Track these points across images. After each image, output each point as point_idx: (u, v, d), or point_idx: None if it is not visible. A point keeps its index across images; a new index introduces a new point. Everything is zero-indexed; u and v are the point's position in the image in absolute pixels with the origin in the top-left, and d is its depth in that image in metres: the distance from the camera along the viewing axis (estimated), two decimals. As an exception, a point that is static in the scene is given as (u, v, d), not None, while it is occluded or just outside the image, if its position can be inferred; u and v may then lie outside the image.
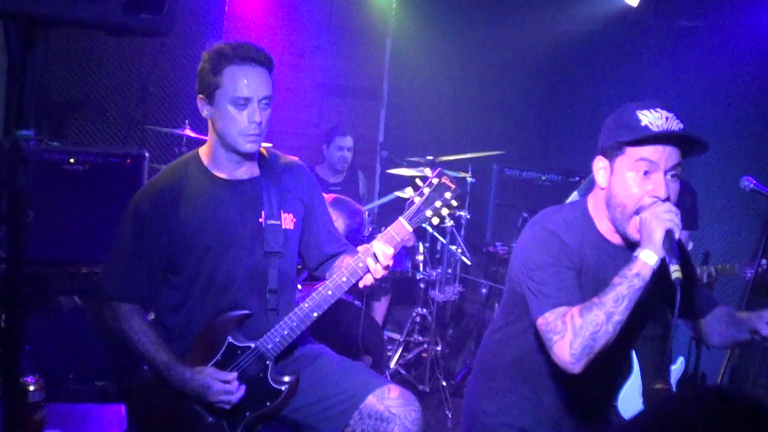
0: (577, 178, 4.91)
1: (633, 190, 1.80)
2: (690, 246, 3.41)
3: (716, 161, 4.43)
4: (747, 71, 4.37)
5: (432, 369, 4.25)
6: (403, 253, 4.42)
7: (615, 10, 5.12)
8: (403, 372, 4.32)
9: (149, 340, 2.17)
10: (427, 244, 4.53)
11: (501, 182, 5.19)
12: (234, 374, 2.16)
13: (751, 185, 3.14)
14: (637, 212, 1.79)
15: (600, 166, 1.89)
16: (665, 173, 1.78)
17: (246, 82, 2.13)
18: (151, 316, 2.38)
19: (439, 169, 2.19)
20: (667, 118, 1.78)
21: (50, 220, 3.31)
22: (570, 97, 5.61)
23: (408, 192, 2.17)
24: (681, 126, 1.79)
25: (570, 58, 5.63)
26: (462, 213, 4.44)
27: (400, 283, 4.63)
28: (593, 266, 1.88)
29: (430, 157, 4.40)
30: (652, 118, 1.78)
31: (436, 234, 4.53)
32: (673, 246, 1.70)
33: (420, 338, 4.46)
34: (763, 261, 3.20)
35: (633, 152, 1.79)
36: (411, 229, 2.13)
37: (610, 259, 1.89)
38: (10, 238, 1.24)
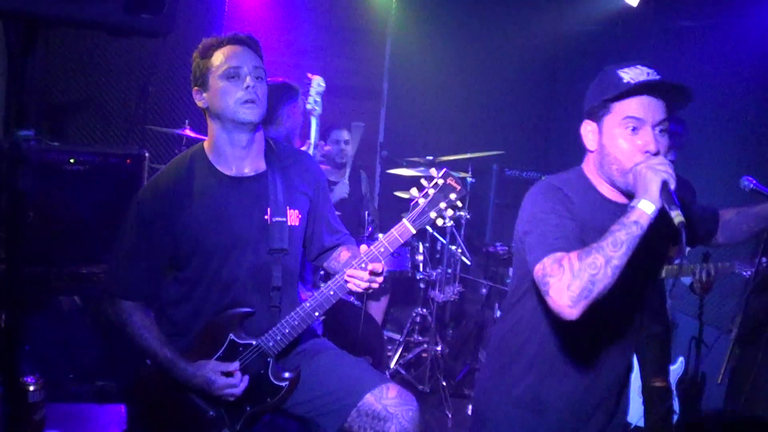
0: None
1: (624, 147, 1.83)
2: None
3: (716, 161, 4.42)
4: (747, 71, 4.37)
5: (432, 369, 4.25)
6: (403, 254, 4.41)
7: (615, 10, 5.12)
8: (403, 372, 4.32)
9: (152, 336, 2.18)
10: (427, 244, 4.53)
11: (501, 182, 5.19)
12: (236, 364, 2.17)
13: (751, 185, 3.13)
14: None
15: (588, 129, 1.92)
16: (653, 127, 1.82)
17: (234, 54, 2.18)
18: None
19: (445, 169, 2.15)
20: (648, 73, 1.83)
21: (50, 219, 3.31)
22: (570, 97, 5.59)
23: (413, 192, 2.14)
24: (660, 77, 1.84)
25: (570, 58, 5.64)
26: (462, 213, 4.44)
27: (400, 283, 4.63)
28: (599, 226, 1.84)
29: (430, 157, 4.40)
30: (633, 74, 1.83)
31: (436, 234, 4.53)
32: (671, 195, 1.71)
33: (420, 338, 4.46)
34: (764, 260, 3.20)
35: (619, 110, 1.83)
36: (414, 231, 2.11)
37: (616, 217, 1.84)
38: (10, 238, 1.24)
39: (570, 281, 1.64)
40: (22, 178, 1.23)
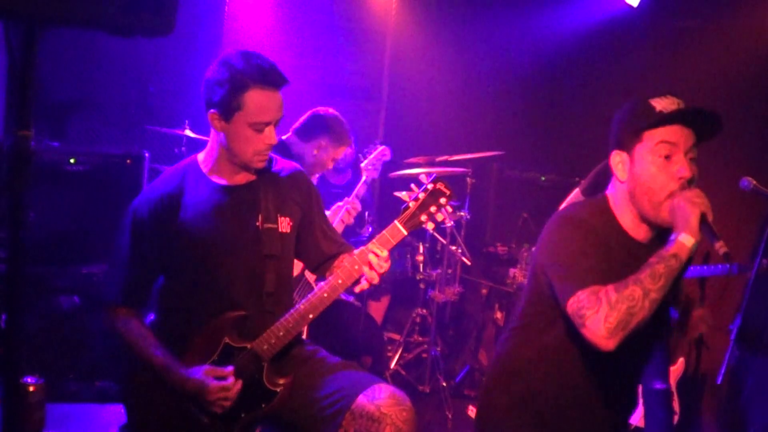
0: (577, 179, 4.91)
1: (658, 176, 1.81)
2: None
3: (716, 161, 4.42)
4: (747, 71, 4.37)
5: (432, 369, 4.25)
6: (403, 254, 4.41)
7: (615, 11, 5.12)
8: (403, 372, 4.32)
9: (148, 343, 2.19)
10: (427, 245, 4.53)
11: (501, 182, 5.18)
12: (230, 368, 2.16)
13: (752, 185, 3.13)
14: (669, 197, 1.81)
15: (617, 160, 1.90)
16: (685, 155, 1.81)
17: (269, 105, 2.16)
18: (152, 317, 2.38)
19: (434, 174, 2.22)
20: (678, 102, 1.84)
21: (50, 219, 3.32)
22: (570, 97, 5.60)
23: (403, 196, 2.20)
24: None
25: (570, 59, 5.63)
26: (462, 213, 4.44)
27: (400, 283, 4.63)
28: (619, 264, 1.84)
29: (430, 158, 4.40)
30: (665, 104, 1.83)
31: (436, 234, 4.53)
32: (710, 227, 1.72)
33: (420, 339, 4.46)
34: (764, 261, 3.20)
35: (652, 137, 1.82)
36: (406, 233, 2.16)
37: (635, 259, 1.84)
38: (10, 238, 1.24)
39: (608, 313, 1.66)
40: (22, 178, 1.22)
